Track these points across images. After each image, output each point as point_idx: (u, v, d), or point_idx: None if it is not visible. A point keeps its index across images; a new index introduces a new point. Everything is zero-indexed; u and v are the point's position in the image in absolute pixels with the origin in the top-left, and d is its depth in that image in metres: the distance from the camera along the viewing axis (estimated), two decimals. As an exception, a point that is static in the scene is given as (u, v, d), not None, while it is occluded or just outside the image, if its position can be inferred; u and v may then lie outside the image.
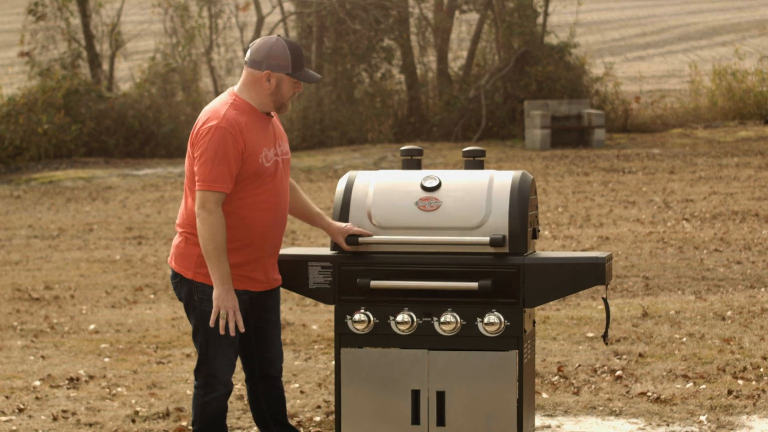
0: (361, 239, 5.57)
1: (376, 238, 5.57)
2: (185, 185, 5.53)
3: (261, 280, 5.56)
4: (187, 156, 5.53)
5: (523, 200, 5.52)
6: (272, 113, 5.61)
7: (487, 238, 5.46)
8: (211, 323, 5.43)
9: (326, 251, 5.77)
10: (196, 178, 5.41)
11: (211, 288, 5.44)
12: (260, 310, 5.66)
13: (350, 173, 5.80)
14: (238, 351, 5.61)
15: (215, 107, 5.48)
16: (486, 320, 5.48)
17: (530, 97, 28.84)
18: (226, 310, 5.40)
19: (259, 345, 5.71)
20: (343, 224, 5.63)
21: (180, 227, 5.56)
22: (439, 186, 5.62)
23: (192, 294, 5.51)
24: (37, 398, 7.77)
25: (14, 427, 7.08)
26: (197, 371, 5.56)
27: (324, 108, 29.38)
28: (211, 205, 5.36)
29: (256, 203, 5.49)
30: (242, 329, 5.44)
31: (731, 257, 13.01)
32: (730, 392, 7.33)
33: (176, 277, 5.57)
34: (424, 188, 5.63)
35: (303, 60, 5.55)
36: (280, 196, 5.57)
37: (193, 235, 5.47)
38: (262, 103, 5.53)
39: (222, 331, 5.42)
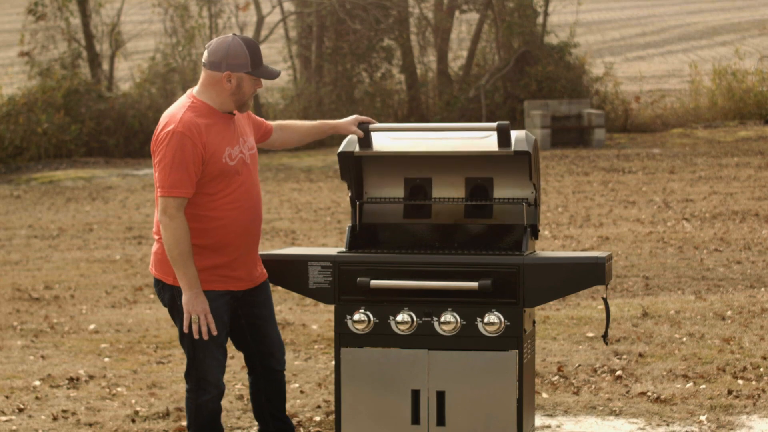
0: (371, 126, 5.81)
1: (378, 125, 5.82)
2: (156, 195, 5.51)
3: (243, 279, 5.56)
4: (153, 167, 5.53)
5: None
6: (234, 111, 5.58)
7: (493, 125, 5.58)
8: (185, 329, 5.43)
9: (326, 251, 5.78)
10: (157, 184, 5.40)
11: None
12: (249, 307, 5.65)
13: None
14: (226, 351, 5.61)
15: (173, 111, 5.45)
16: (486, 320, 5.48)
17: (530, 97, 28.84)
18: (196, 314, 5.40)
19: (256, 340, 5.72)
20: (349, 117, 5.88)
21: (156, 234, 5.57)
22: None
23: (175, 299, 5.51)
24: (37, 398, 7.77)
25: (14, 427, 7.08)
26: (187, 375, 5.56)
27: (324, 108, 29.38)
28: (172, 210, 5.35)
29: (228, 203, 5.47)
30: (214, 332, 5.43)
31: (731, 257, 13.01)
32: (730, 392, 7.33)
33: (158, 283, 5.58)
34: None
35: (260, 57, 5.53)
36: (251, 192, 5.56)
37: None
38: (222, 103, 5.51)
39: (195, 335, 5.42)
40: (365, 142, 5.81)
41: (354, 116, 5.85)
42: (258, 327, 5.71)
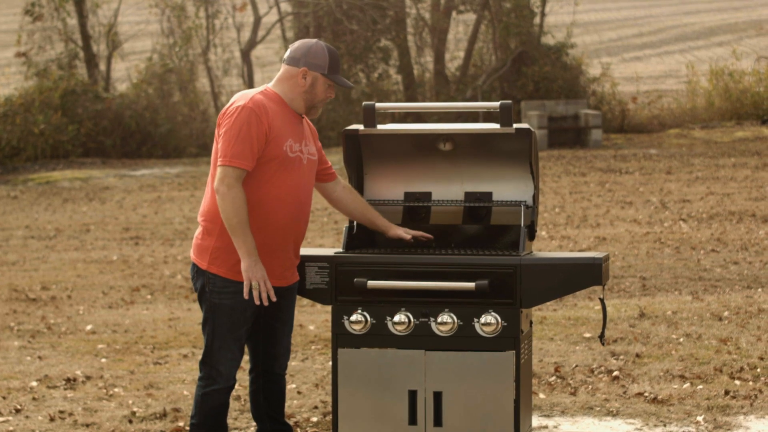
0: (378, 105, 5.91)
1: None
2: (210, 173, 5.58)
3: (274, 275, 5.57)
4: (214, 143, 5.60)
5: None
6: (303, 115, 5.65)
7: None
8: (245, 295, 5.46)
9: (323, 251, 5.78)
10: (219, 154, 5.47)
11: (222, 280, 5.50)
12: (274, 309, 5.68)
13: None
14: (243, 348, 5.63)
15: (245, 92, 5.61)
16: (483, 320, 5.48)
17: (527, 98, 28.85)
18: (256, 280, 5.44)
19: (267, 342, 5.75)
20: (401, 229, 5.84)
21: (201, 216, 5.64)
22: None
23: (204, 285, 5.57)
24: (34, 399, 7.77)
25: (11, 428, 7.07)
26: (202, 363, 5.62)
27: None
28: (231, 179, 5.41)
29: (277, 194, 5.52)
30: (273, 298, 5.48)
31: (728, 257, 13.01)
32: (727, 392, 7.33)
33: (194, 267, 5.65)
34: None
35: (339, 65, 5.66)
36: (301, 192, 5.60)
37: (212, 224, 5.51)
38: (293, 100, 5.61)
39: (257, 302, 5.46)
40: (369, 122, 5.86)
41: (405, 228, 5.87)
42: (275, 330, 5.74)
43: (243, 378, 7.47)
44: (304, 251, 5.85)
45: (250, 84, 30.19)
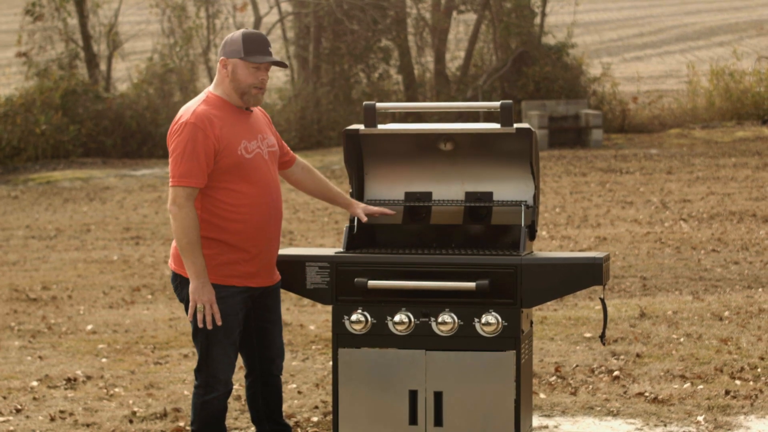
0: (379, 105, 5.90)
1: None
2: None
3: (261, 276, 5.57)
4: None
5: None
6: (251, 108, 5.62)
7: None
8: (189, 317, 5.46)
9: (324, 251, 5.78)
10: (169, 175, 5.45)
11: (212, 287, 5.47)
12: (262, 310, 5.67)
13: None
14: (238, 351, 5.62)
15: (188, 105, 5.56)
16: (483, 320, 5.48)
17: (528, 98, 28.85)
18: (202, 303, 5.43)
19: (261, 344, 5.73)
20: (362, 204, 5.86)
21: None
22: None
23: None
24: (34, 399, 7.77)
25: (12, 428, 7.07)
26: (198, 371, 5.57)
27: (321, 108, 29.39)
28: (181, 200, 5.39)
29: (247, 198, 5.49)
30: (219, 322, 5.45)
31: (729, 257, 13.01)
32: (727, 392, 7.33)
33: (177, 278, 5.59)
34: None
35: (260, 45, 5.57)
36: (270, 188, 5.58)
37: None
38: (229, 95, 5.58)
39: (200, 324, 5.44)
40: (370, 122, 5.86)
41: (365, 205, 5.88)
42: (267, 331, 5.73)
43: (242, 378, 7.47)
44: (304, 251, 5.85)
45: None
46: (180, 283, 5.58)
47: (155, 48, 31.10)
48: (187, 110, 5.50)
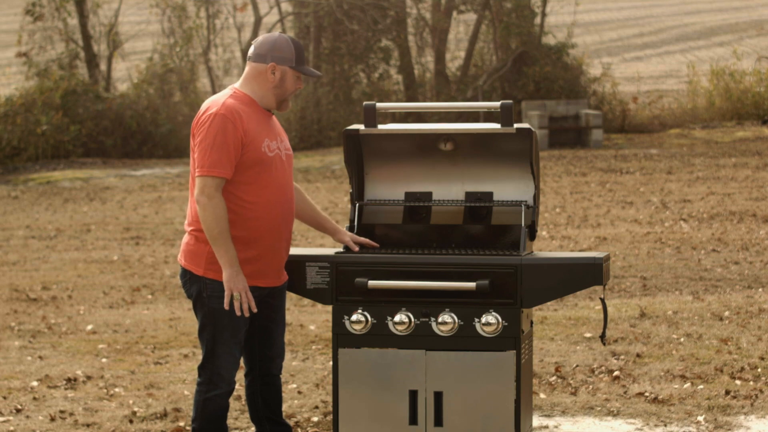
0: (379, 105, 5.88)
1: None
2: (190, 184, 5.54)
3: (270, 275, 5.58)
4: (190, 153, 5.55)
5: None
6: (272, 111, 5.65)
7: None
8: (225, 306, 5.44)
9: (324, 251, 5.78)
10: (196, 165, 5.45)
11: (220, 284, 5.47)
12: (267, 310, 5.68)
13: None
14: (243, 349, 5.62)
15: (215, 98, 5.57)
16: (484, 320, 5.48)
17: (528, 98, 28.85)
18: (237, 291, 5.43)
19: (263, 344, 5.74)
20: (349, 233, 5.74)
21: (189, 226, 5.59)
22: None
23: (201, 291, 5.54)
24: (34, 399, 7.77)
25: (12, 428, 7.07)
26: (201, 368, 5.58)
27: (321, 108, 29.39)
28: (211, 190, 5.39)
29: (263, 195, 5.51)
30: (255, 309, 5.47)
31: (729, 257, 13.01)
32: (727, 392, 7.33)
33: (186, 274, 5.59)
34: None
35: (304, 56, 5.64)
36: (285, 190, 5.60)
37: (203, 233, 5.48)
38: (263, 97, 5.59)
39: (237, 312, 5.44)
40: (370, 122, 5.85)
41: (352, 234, 5.80)
42: (270, 331, 5.74)
43: (241, 378, 7.47)
44: (305, 251, 5.85)
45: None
46: (189, 279, 5.57)
47: (155, 48, 31.10)
48: (215, 102, 5.51)
